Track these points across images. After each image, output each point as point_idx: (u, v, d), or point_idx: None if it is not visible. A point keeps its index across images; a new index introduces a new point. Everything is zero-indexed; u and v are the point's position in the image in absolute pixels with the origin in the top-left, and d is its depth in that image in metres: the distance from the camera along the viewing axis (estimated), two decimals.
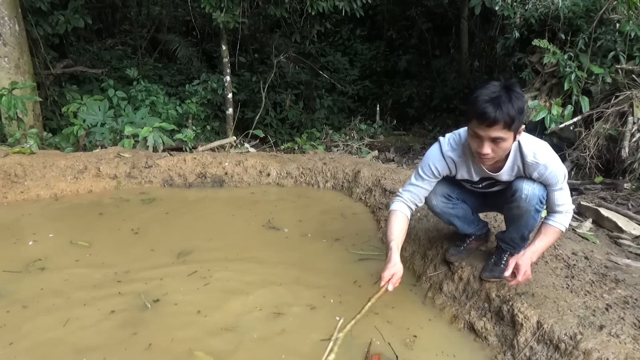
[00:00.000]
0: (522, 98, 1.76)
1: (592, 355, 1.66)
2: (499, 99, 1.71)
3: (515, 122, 1.75)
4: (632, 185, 4.10)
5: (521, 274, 1.94)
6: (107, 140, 5.27)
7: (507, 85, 1.77)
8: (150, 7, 10.27)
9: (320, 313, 2.22)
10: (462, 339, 2.07)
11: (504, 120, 1.72)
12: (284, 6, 7.24)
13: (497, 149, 1.82)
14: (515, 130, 1.79)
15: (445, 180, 2.20)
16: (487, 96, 1.73)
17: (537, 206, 2.00)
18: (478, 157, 1.91)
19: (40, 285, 2.42)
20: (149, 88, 7.51)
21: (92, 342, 1.98)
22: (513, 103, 1.72)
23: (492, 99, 1.72)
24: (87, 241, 2.93)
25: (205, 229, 3.20)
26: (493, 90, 1.74)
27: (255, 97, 9.59)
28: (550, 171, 1.94)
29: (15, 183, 3.70)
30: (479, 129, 1.78)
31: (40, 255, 2.73)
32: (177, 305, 2.27)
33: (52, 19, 6.60)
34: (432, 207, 2.30)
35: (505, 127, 1.74)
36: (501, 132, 1.75)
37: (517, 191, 1.99)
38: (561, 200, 2.03)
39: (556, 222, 2.04)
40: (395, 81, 11.99)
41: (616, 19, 5.38)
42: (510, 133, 1.77)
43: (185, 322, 2.14)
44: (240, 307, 2.26)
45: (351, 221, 3.43)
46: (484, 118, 1.73)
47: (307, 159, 4.52)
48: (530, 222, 2.07)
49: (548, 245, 2.09)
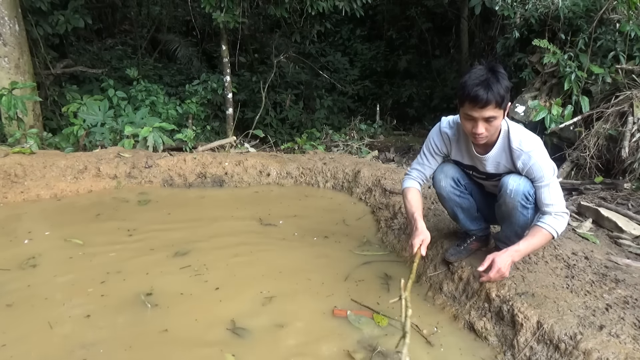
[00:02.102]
0: (506, 77, 1.89)
1: (592, 355, 1.66)
2: (488, 81, 1.83)
3: (505, 100, 1.88)
4: (632, 185, 4.10)
5: (493, 271, 1.97)
6: (107, 140, 5.27)
7: (492, 67, 1.89)
8: (150, 7, 10.28)
9: (320, 310, 2.23)
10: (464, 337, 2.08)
11: (496, 100, 1.84)
12: (284, 6, 7.24)
13: (490, 127, 1.93)
14: (504, 108, 1.91)
15: (455, 164, 2.31)
16: (476, 79, 1.85)
17: (523, 202, 2.03)
18: (472, 138, 2.02)
19: (28, 282, 2.43)
20: (149, 88, 7.51)
21: (87, 338, 1.98)
22: (501, 83, 1.85)
23: (482, 82, 1.83)
24: (81, 239, 2.93)
25: (203, 229, 3.20)
26: (480, 74, 1.86)
27: (255, 97, 9.58)
28: (534, 162, 1.97)
29: (15, 183, 3.70)
30: (473, 110, 1.89)
31: (34, 253, 2.74)
32: (171, 300, 2.28)
33: (52, 19, 6.60)
34: (440, 190, 2.34)
35: (497, 106, 1.86)
36: (493, 111, 1.87)
37: (503, 186, 2.06)
38: (549, 200, 2.00)
39: (545, 223, 2.00)
40: (395, 81, 11.99)
41: (616, 19, 5.38)
42: (501, 111, 1.90)
43: (180, 319, 2.14)
44: (239, 305, 2.27)
45: (351, 221, 3.43)
46: (477, 100, 1.84)
47: (307, 159, 4.52)
48: (520, 218, 2.09)
49: (534, 247, 2.04)
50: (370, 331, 2.07)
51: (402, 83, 11.75)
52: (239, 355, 1.91)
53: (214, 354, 1.91)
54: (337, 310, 2.20)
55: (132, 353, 1.91)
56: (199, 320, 2.14)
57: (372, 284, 2.51)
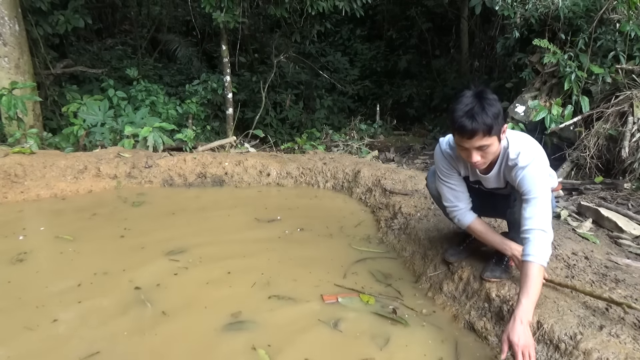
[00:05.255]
0: (495, 103, 1.81)
1: (592, 355, 1.65)
2: (472, 111, 1.77)
3: (494, 127, 1.79)
4: (632, 185, 4.10)
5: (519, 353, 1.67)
6: (107, 140, 5.27)
7: (479, 93, 1.81)
8: (150, 7, 10.28)
9: (320, 307, 2.26)
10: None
11: (482, 130, 1.78)
12: (284, 6, 7.24)
13: (485, 154, 1.88)
14: (497, 134, 1.83)
15: (464, 179, 2.23)
16: (461, 111, 1.79)
17: None
18: (471, 165, 1.97)
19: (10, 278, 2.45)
20: (149, 88, 7.51)
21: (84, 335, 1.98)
22: (487, 111, 1.77)
23: (466, 112, 1.77)
24: (73, 237, 2.94)
25: (201, 228, 3.20)
26: (466, 103, 1.79)
27: (255, 97, 9.58)
28: (524, 174, 1.87)
29: (15, 183, 3.70)
30: (463, 141, 1.84)
31: (25, 249, 2.76)
32: (159, 295, 2.31)
33: (52, 19, 6.60)
34: (432, 191, 2.33)
35: (485, 135, 1.80)
36: (483, 140, 1.81)
37: (517, 194, 2.01)
38: (529, 213, 1.85)
39: (529, 255, 1.81)
40: (395, 81, 11.99)
41: (616, 19, 5.38)
42: (493, 138, 1.82)
43: (174, 316, 2.15)
44: (238, 300, 2.28)
45: (351, 221, 3.43)
46: (463, 132, 1.79)
47: (307, 159, 4.52)
48: None
49: (537, 290, 1.79)
50: (362, 306, 2.25)
51: (402, 83, 11.75)
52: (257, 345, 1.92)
53: (214, 352, 1.92)
54: (326, 296, 2.30)
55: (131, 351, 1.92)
56: (196, 312, 2.16)
57: (369, 279, 2.54)
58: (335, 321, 2.11)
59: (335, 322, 2.11)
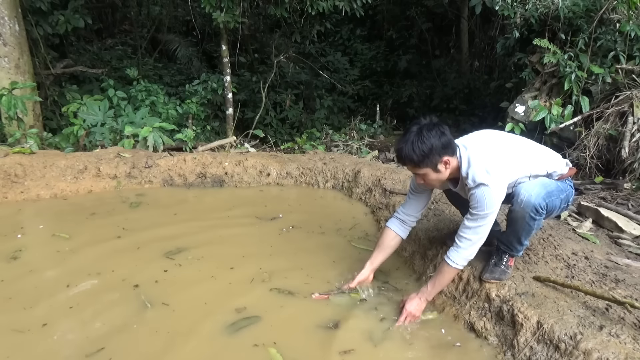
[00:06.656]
0: (433, 138, 1.89)
1: (592, 355, 1.66)
2: (403, 144, 1.92)
3: (424, 161, 1.91)
4: (632, 185, 4.10)
5: (403, 317, 2.11)
6: (107, 140, 5.27)
7: (420, 129, 1.90)
8: (150, 7, 10.27)
9: (317, 304, 2.29)
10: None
11: (408, 163, 1.95)
12: (284, 6, 7.24)
13: (426, 180, 2.03)
14: (428, 166, 1.94)
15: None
16: (399, 142, 1.96)
17: (532, 213, 2.02)
18: None
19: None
20: (149, 88, 7.51)
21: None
22: (415, 147, 1.89)
23: (400, 145, 1.94)
24: (69, 234, 2.95)
25: (200, 227, 3.19)
26: (406, 136, 1.93)
27: (255, 97, 9.58)
28: (473, 194, 1.98)
29: (15, 183, 3.70)
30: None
31: (21, 247, 2.77)
32: (159, 291, 2.32)
33: (52, 19, 6.59)
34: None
35: (415, 167, 1.96)
36: (415, 170, 1.99)
37: (515, 195, 2.06)
38: (469, 224, 2.02)
39: (449, 257, 2.08)
40: (395, 81, 11.98)
41: (616, 19, 5.38)
42: (425, 169, 1.95)
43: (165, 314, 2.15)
44: (239, 297, 2.30)
45: (351, 220, 3.43)
46: (398, 160, 2.02)
47: (307, 159, 4.52)
48: (525, 227, 2.08)
49: (441, 284, 2.17)
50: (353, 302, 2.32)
51: (402, 83, 11.74)
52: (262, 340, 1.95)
53: (214, 350, 1.92)
54: (317, 296, 2.35)
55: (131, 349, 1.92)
56: (199, 309, 2.16)
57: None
58: (334, 321, 2.12)
59: (333, 321, 2.12)
